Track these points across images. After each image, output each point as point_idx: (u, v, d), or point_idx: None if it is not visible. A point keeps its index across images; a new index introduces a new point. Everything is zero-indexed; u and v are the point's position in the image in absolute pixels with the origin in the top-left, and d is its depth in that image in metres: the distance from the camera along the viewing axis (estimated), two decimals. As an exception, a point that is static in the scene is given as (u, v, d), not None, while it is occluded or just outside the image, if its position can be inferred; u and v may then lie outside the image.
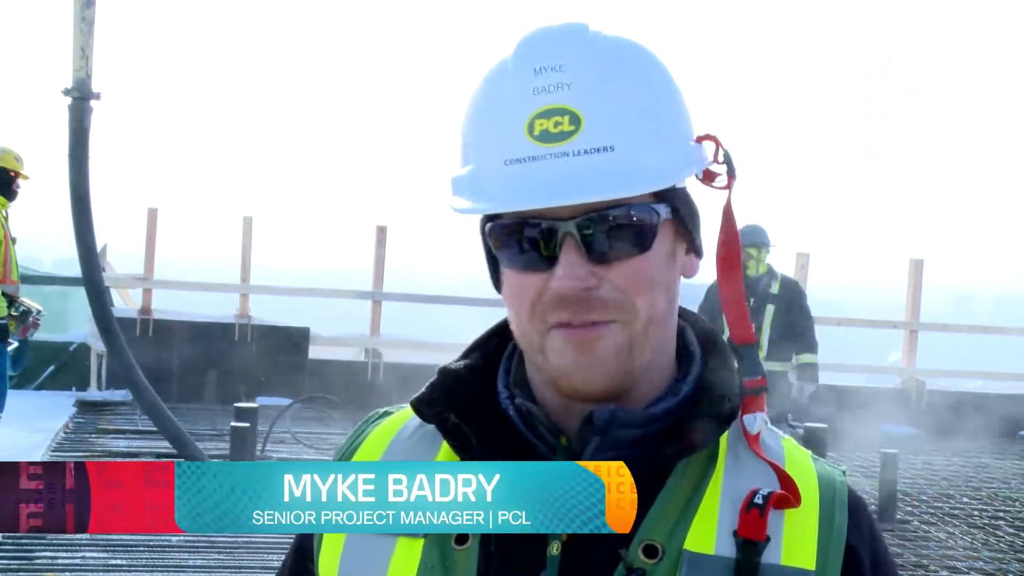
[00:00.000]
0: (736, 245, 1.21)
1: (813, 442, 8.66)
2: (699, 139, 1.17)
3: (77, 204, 8.08)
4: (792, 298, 9.02)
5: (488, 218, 1.17)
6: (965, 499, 9.44)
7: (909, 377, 12.72)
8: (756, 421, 1.19)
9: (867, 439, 11.85)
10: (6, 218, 7.95)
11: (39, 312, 8.07)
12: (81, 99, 8.11)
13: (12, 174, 7.94)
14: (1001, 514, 8.99)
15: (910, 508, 8.94)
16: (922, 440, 12.09)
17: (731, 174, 1.18)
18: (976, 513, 8.96)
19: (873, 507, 8.71)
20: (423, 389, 1.24)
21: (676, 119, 1.15)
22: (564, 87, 1.10)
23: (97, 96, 8.16)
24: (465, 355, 1.28)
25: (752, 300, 8.85)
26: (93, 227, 8.17)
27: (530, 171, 1.10)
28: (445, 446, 1.22)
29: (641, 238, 1.13)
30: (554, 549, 1.13)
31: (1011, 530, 8.50)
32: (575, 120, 1.09)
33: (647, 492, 1.14)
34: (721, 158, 1.18)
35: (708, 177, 1.19)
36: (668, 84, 1.16)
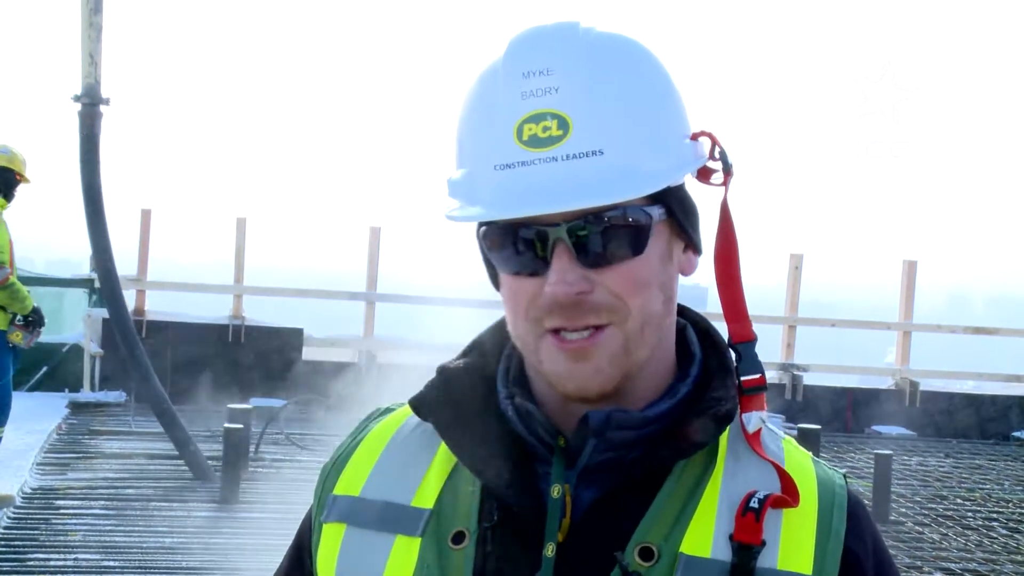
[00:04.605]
0: (733, 242, 1.20)
1: (807, 443, 8.67)
2: (694, 136, 1.16)
3: (91, 207, 8.09)
4: None
5: (483, 221, 1.16)
6: (959, 500, 9.45)
7: (903, 378, 12.73)
8: (753, 419, 1.18)
9: (861, 440, 11.86)
10: (5, 221, 7.89)
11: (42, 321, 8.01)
12: (91, 105, 8.11)
13: (17, 176, 7.89)
14: (995, 515, 8.99)
15: (904, 509, 8.94)
16: (916, 441, 12.10)
17: (727, 171, 1.17)
18: (970, 514, 8.96)
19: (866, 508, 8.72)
20: (422, 388, 1.24)
21: (670, 118, 1.14)
22: (552, 91, 1.09)
23: (107, 101, 8.17)
24: (464, 354, 1.27)
25: None
26: (107, 231, 8.18)
27: (519, 177, 1.09)
28: (443, 445, 1.21)
29: (634, 241, 1.12)
30: (549, 551, 1.12)
31: (1005, 531, 8.51)
32: (563, 124, 1.08)
33: (645, 494, 1.14)
34: (717, 155, 1.17)
35: (704, 175, 1.18)
36: (662, 82, 1.15)
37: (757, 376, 1.19)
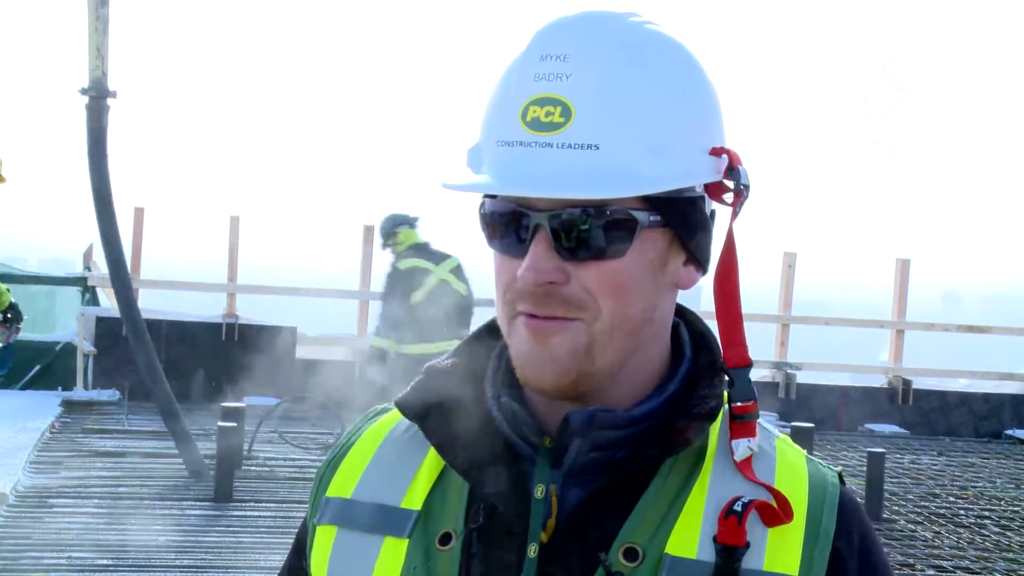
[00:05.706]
0: (734, 266, 1.18)
1: (800, 442, 8.68)
2: (713, 151, 1.14)
3: (100, 203, 8.07)
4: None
5: (483, 196, 1.17)
6: (951, 498, 9.46)
7: (896, 376, 12.74)
8: (740, 447, 1.16)
9: (854, 438, 11.88)
10: None
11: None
12: (98, 98, 8.09)
13: None
14: (987, 513, 9.00)
15: (896, 507, 8.95)
16: (908, 439, 12.12)
17: (738, 192, 1.14)
18: (962, 512, 8.97)
19: (860, 506, 8.72)
20: (407, 389, 1.24)
21: (688, 126, 1.12)
22: (563, 77, 1.09)
23: (113, 94, 8.15)
24: (455, 353, 1.27)
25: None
26: (117, 225, 8.17)
27: (515, 156, 1.10)
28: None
29: (614, 241, 1.11)
30: (532, 551, 1.12)
31: (997, 529, 8.52)
32: (567, 112, 1.08)
33: (632, 494, 1.14)
34: (730, 175, 1.14)
35: (716, 191, 1.16)
36: (691, 89, 1.13)
37: (750, 403, 1.17)
